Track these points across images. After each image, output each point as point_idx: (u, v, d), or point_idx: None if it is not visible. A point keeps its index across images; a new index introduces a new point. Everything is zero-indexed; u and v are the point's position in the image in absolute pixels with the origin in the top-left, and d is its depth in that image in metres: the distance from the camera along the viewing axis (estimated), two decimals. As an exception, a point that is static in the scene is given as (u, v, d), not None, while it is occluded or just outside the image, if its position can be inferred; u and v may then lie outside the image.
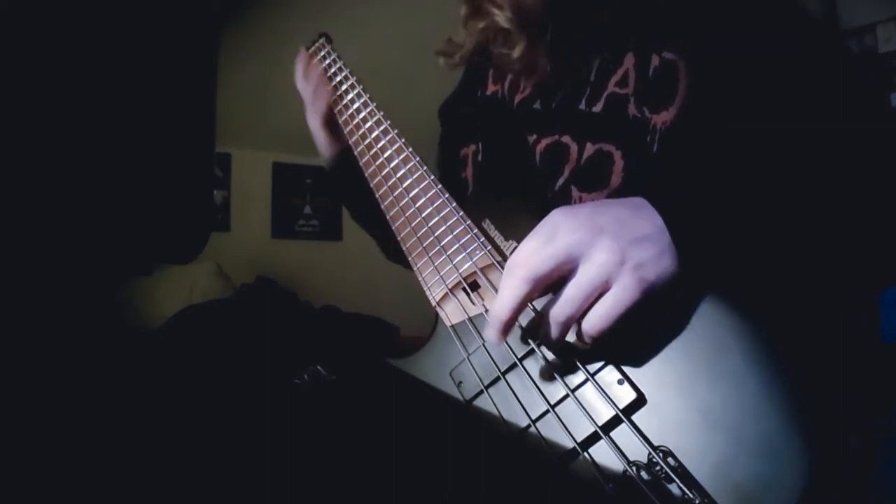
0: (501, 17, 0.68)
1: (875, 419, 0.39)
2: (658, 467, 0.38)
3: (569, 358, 0.45)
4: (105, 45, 0.43)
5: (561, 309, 0.43)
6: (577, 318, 0.43)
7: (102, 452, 0.47)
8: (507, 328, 0.45)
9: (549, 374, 0.46)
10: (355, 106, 0.82)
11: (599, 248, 0.42)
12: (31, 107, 0.40)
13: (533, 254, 0.44)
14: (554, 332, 0.44)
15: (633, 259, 0.42)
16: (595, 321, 0.42)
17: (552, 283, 0.44)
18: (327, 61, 0.91)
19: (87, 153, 0.43)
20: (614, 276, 0.42)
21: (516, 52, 0.69)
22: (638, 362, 0.43)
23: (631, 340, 0.43)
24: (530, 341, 0.47)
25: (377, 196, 0.72)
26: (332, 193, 0.94)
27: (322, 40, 0.95)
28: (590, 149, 0.62)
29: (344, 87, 0.86)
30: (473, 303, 0.54)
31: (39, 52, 0.40)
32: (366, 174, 0.75)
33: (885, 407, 0.40)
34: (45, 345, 0.46)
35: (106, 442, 0.47)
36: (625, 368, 0.43)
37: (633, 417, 0.41)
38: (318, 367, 0.53)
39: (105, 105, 0.44)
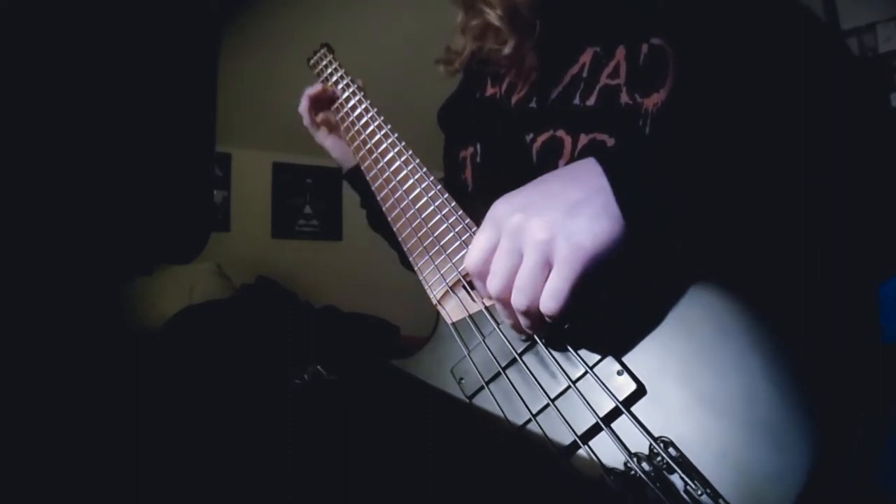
0: (493, 15, 0.70)
1: (875, 418, 0.39)
2: (659, 458, 0.38)
3: (568, 351, 0.45)
4: (105, 46, 0.44)
5: (517, 299, 0.43)
6: (538, 298, 0.43)
7: (102, 452, 0.47)
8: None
9: (548, 367, 0.46)
10: (357, 112, 0.86)
11: (531, 230, 0.42)
12: (31, 107, 0.41)
13: (483, 259, 0.45)
14: (522, 322, 0.45)
15: (565, 230, 0.41)
16: (547, 302, 0.42)
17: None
18: (329, 70, 0.95)
19: (88, 153, 0.44)
20: (552, 253, 0.42)
21: (507, 49, 0.71)
22: (637, 352, 0.43)
23: (629, 329, 0.43)
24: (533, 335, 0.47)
25: (379, 198, 0.73)
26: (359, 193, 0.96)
27: (324, 50, 0.99)
28: (583, 140, 0.62)
29: (346, 95, 0.90)
30: (474, 300, 0.55)
31: (40, 52, 0.40)
32: (368, 177, 0.77)
33: (886, 406, 0.40)
34: (45, 344, 0.46)
35: (106, 442, 0.47)
36: (624, 359, 0.43)
37: (634, 408, 0.41)
38: (318, 367, 0.54)
39: (105, 105, 0.44)
